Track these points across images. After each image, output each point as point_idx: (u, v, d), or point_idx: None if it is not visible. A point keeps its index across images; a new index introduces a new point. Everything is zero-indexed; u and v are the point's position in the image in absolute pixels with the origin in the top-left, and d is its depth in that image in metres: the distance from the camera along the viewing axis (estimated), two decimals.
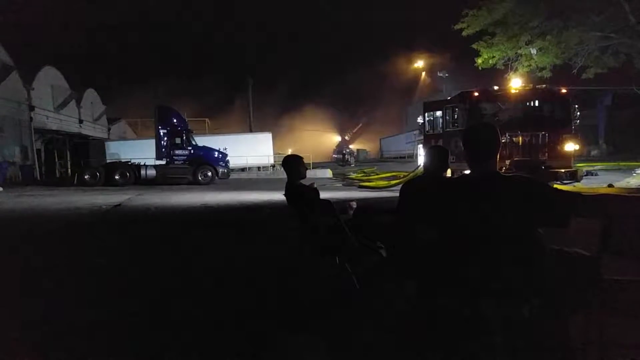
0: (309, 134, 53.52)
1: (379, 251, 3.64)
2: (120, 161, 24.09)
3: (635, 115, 30.54)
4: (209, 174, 21.76)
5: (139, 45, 64.47)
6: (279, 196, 5.71)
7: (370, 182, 19.42)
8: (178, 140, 21.97)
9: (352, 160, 39.69)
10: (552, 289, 2.13)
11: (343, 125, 59.29)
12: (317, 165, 32.16)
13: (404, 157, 37.86)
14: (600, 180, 14.33)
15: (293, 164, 4.04)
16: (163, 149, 22.09)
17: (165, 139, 22.05)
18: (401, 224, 3.19)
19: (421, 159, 16.79)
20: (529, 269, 2.12)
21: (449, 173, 3.68)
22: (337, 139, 56.65)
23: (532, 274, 2.12)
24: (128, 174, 21.05)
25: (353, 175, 24.80)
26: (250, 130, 37.31)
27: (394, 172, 23.56)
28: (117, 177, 20.90)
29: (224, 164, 22.70)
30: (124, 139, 38.21)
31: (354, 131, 60.53)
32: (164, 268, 5.32)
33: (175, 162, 21.87)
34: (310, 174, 26.36)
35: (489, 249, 2.16)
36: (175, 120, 22.65)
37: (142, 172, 21.11)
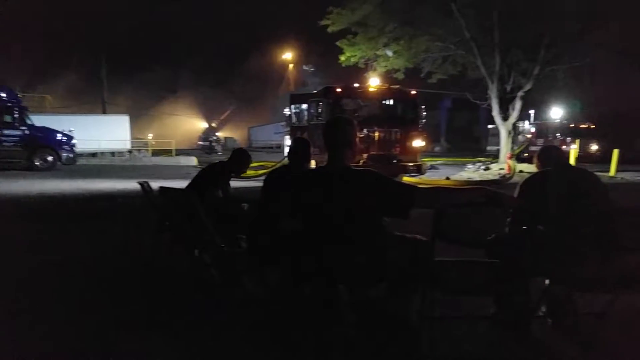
0: (173, 119, 50.51)
1: (240, 242, 3.61)
2: None
3: (469, 118, 36.39)
4: (50, 158, 19.04)
5: None
6: (134, 185, 5.24)
7: None
8: (8, 119, 18.71)
9: (219, 148, 38.57)
10: (395, 271, 2.36)
11: (210, 111, 57.10)
12: (181, 152, 30.46)
13: (272, 148, 38.26)
14: (441, 173, 16.49)
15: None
16: None
17: None
18: (263, 214, 3.20)
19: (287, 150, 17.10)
20: (376, 254, 2.32)
21: (313, 164, 3.79)
22: (203, 125, 54.31)
23: (378, 259, 2.32)
24: None
25: None
26: (104, 112, 33.77)
27: (262, 161, 23.63)
28: None
29: (69, 148, 20.06)
30: None
31: (222, 118, 58.82)
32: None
33: (5, 144, 18.59)
34: (173, 161, 25.02)
35: (342, 238, 2.30)
36: (4, 95, 19.25)
37: None
